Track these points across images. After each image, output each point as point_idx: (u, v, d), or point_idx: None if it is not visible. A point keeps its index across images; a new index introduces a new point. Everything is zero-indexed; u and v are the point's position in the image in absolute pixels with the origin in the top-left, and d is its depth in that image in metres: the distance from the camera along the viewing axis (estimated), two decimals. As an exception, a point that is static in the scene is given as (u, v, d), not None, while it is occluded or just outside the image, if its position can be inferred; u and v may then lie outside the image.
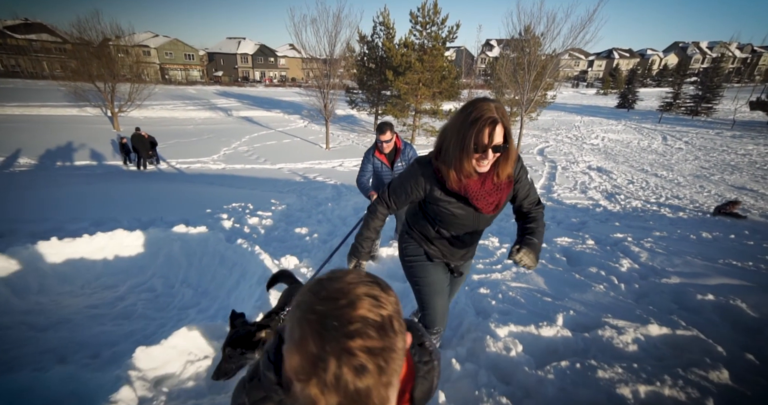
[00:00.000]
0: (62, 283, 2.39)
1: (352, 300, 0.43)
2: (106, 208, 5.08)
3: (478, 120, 1.08)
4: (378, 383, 0.41)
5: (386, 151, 2.90)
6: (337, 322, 0.41)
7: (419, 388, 0.58)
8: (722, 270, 2.76)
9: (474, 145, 1.10)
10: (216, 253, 2.75)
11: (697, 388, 1.39)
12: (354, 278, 0.47)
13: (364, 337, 0.41)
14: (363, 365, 0.40)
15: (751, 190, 10.75)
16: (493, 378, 1.50)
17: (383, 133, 2.80)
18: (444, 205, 1.27)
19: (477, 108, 1.09)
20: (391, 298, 0.47)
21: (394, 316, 0.45)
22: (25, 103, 22.92)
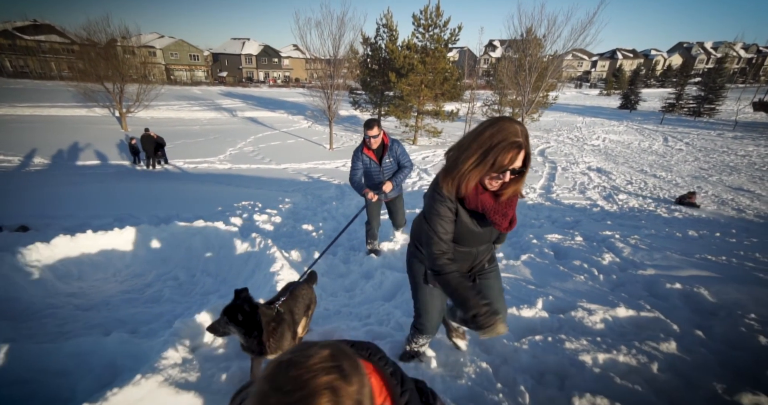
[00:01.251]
0: (96, 271, 2.67)
1: (309, 393, 0.41)
2: (123, 205, 5.38)
3: (502, 142, 1.06)
4: None
5: (374, 146, 2.95)
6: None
7: None
8: (696, 263, 3.00)
9: (492, 165, 1.09)
10: (232, 246, 3.03)
11: (647, 355, 1.64)
12: (316, 364, 0.44)
13: None
14: None
15: (748, 190, 10.90)
16: (477, 349, 1.76)
17: (371, 128, 2.87)
18: (464, 222, 1.26)
19: (503, 129, 1.08)
20: (352, 388, 0.45)
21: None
22: (36, 103, 23.35)
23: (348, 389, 0.44)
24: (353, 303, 2.48)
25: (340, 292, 2.69)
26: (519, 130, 1.09)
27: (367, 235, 3.34)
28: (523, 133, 1.08)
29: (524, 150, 1.09)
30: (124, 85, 18.36)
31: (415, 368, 1.69)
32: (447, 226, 1.24)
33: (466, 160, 1.12)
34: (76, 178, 8.99)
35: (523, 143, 1.08)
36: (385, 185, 2.95)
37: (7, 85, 31.66)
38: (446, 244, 1.25)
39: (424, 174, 12.50)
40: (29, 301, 2.09)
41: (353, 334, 1.92)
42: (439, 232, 1.23)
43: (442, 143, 18.60)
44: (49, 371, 1.50)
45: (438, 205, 1.22)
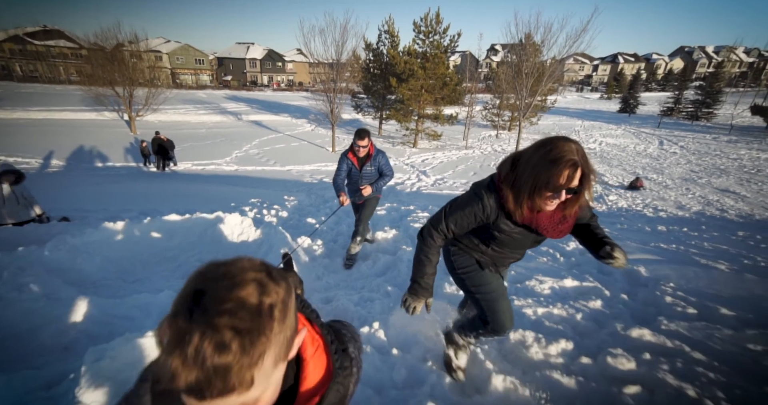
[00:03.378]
0: (135, 253, 3.18)
1: (235, 283, 0.43)
2: (143, 202, 5.91)
3: (558, 160, 1.04)
4: (239, 363, 0.40)
5: (360, 154, 3.11)
6: (211, 300, 0.41)
7: (331, 394, 0.57)
8: (647, 250, 3.46)
9: (548, 184, 1.06)
10: (247, 233, 3.53)
11: (575, 309, 2.11)
12: (246, 264, 0.46)
13: (233, 316, 0.40)
14: (224, 343, 0.39)
15: (734, 192, 11.31)
16: (448, 308, 2.24)
17: (362, 139, 3.03)
18: (507, 233, 1.25)
19: (558, 147, 1.05)
20: (280, 289, 0.46)
21: (278, 306, 0.44)
22: (47, 107, 23.99)
23: (275, 288, 0.45)
24: (351, 278, 2.97)
25: (339, 270, 3.18)
26: (574, 148, 1.06)
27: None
28: (579, 152, 1.06)
29: (581, 168, 1.06)
30: (134, 89, 18.99)
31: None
32: (463, 224, 1.27)
33: (524, 185, 1.10)
34: (94, 179, 9.55)
35: (579, 161, 1.05)
36: (364, 189, 3.15)
37: (18, 90, 32.45)
38: (448, 232, 1.30)
39: (422, 176, 12.98)
40: (88, 272, 2.59)
41: (349, 299, 2.40)
42: (450, 224, 1.28)
43: (442, 146, 19.08)
44: (118, 316, 1.99)
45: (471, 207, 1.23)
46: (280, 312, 0.45)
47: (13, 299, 1.82)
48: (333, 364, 0.59)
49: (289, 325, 0.47)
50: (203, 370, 0.40)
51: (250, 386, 0.43)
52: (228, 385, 0.41)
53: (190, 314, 0.41)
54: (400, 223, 4.30)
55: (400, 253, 3.19)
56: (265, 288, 0.44)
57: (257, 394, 0.44)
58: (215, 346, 0.39)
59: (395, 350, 1.76)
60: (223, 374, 0.40)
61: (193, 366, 0.39)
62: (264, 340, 0.42)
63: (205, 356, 0.39)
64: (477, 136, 22.34)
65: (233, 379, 0.41)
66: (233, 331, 0.40)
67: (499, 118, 24.12)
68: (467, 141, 19.80)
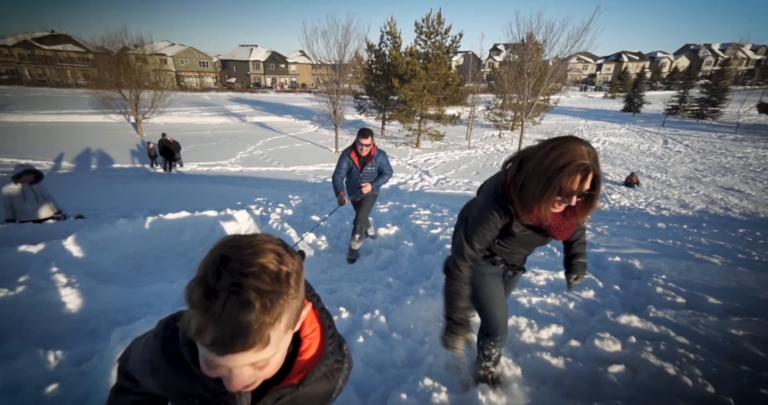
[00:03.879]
0: (148, 249, 3.32)
1: (257, 251, 0.47)
2: (153, 201, 6.07)
3: (568, 165, 1.00)
4: (259, 321, 0.44)
5: (363, 154, 3.13)
6: (237, 264, 0.45)
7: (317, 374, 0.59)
8: (644, 245, 3.55)
9: (560, 190, 1.03)
10: (256, 228, 3.66)
11: (568, 298, 2.21)
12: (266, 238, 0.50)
13: (257, 279, 0.44)
14: (249, 301, 0.43)
15: (738, 190, 11.29)
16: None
17: (365, 137, 3.06)
18: (519, 235, 1.24)
19: (569, 151, 1.01)
20: (295, 261, 0.50)
21: (293, 275, 0.48)
22: (56, 110, 24.37)
23: (291, 259, 0.49)
24: (354, 272, 3.09)
25: (343, 264, 3.30)
26: (585, 151, 1.02)
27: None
28: (590, 154, 1.02)
29: (592, 172, 1.03)
30: (140, 92, 19.31)
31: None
32: (487, 237, 1.22)
33: (532, 191, 1.07)
34: (103, 180, 9.77)
35: (591, 165, 1.02)
36: (365, 187, 3.18)
37: (27, 93, 32.99)
38: (477, 253, 1.25)
39: (425, 175, 13.09)
40: (106, 264, 2.73)
41: (352, 290, 2.52)
42: (475, 244, 1.23)
43: (444, 146, 19.16)
44: (137, 304, 2.13)
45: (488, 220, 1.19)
46: (295, 281, 0.49)
47: (41, 287, 1.96)
48: (326, 347, 0.61)
49: (300, 295, 0.51)
50: (228, 326, 0.43)
51: (267, 345, 0.47)
52: (249, 342, 0.44)
53: (218, 275, 0.44)
54: (401, 220, 4.42)
55: (401, 247, 3.31)
56: (282, 258, 0.48)
57: (269, 354, 0.49)
58: (241, 304, 0.43)
59: (395, 334, 1.88)
60: (246, 331, 0.44)
61: (219, 322, 0.43)
62: (282, 302, 0.46)
63: (231, 313, 0.43)
64: (480, 136, 22.39)
65: (254, 336, 0.44)
66: (257, 292, 0.44)
67: (501, 118, 24.14)
68: (470, 141, 19.86)
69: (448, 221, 4.25)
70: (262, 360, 0.49)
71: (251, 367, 0.49)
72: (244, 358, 0.46)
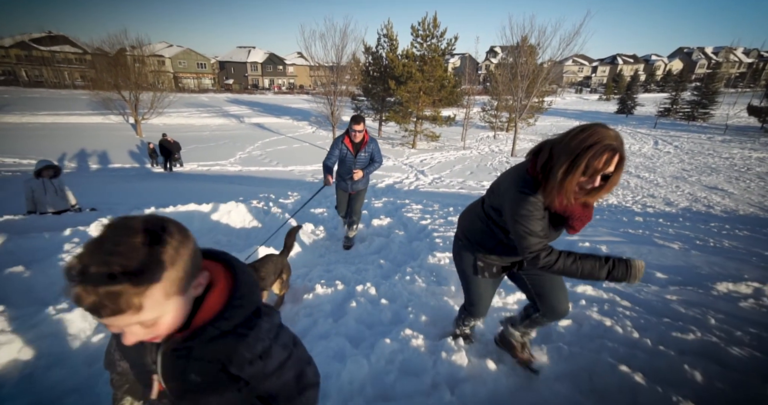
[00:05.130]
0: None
1: (131, 232, 0.53)
2: (157, 198, 6.35)
3: (596, 144, 1.03)
4: (126, 291, 0.51)
5: (356, 140, 3.21)
6: (109, 243, 0.52)
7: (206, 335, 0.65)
8: (615, 234, 3.89)
9: (585, 168, 1.05)
10: (259, 219, 3.97)
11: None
12: (147, 218, 0.56)
13: (122, 256, 0.51)
14: (114, 276, 0.50)
15: (722, 189, 11.70)
16: (430, 274, 2.67)
17: (357, 123, 3.15)
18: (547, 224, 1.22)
19: (596, 132, 1.04)
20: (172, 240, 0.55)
21: (167, 252, 0.54)
22: (54, 111, 24.45)
23: (167, 238, 0.55)
24: (349, 256, 3.41)
25: (340, 250, 3.61)
26: (613, 134, 1.05)
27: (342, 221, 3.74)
28: (617, 138, 1.05)
29: (619, 153, 1.05)
30: (139, 93, 19.52)
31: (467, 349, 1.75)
32: (544, 225, 1.20)
33: (560, 170, 1.08)
34: (106, 179, 10.03)
35: (618, 147, 1.04)
36: (356, 174, 3.27)
37: (25, 95, 33.02)
38: (543, 238, 1.21)
39: (420, 175, 13.42)
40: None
41: (347, 269, 2.82)
42: (538, 232, 1.19)
43: (440, 147, 19.52)
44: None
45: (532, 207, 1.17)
46: (170, 257, 0.55)
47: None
48: (222, 313, 0.65)
49: (179, 269, 0.56)
50: (97, 294, 0.50)
51: (140, 310, 0.54)
52: (118, 307, 0.52)
53: (91, 253, 0.51)
54: (395, 213, 4.74)
55: (393, 236, 3.62)
56: (156, 238, 0.54)
57: (152, 316, 0.56)
58: (107, 276, 0.50)
59: (383, 300, 2.19)
60: (113, 299, 0.51)
61: (91, 291, 0.50)
62: (149, 276, 0.53)
63: (98, 284, 0.50)
64: (475, 137, 22.77)
65: (122, 303, 0.52)
66: (122, 267, 0.51)
67: (496, 120, 24.55)
68: (465, 142, 20.23)
69: (437, 214, 4.57)
70: (147, 320, 0.57)
71: (140, 325, 0.57)
72: (121, 320, 0.54)
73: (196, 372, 0.68)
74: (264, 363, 0.70)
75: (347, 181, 3.42)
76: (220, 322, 0.65)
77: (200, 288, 0.65)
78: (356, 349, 1.74)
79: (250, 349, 0.68)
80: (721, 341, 1.62)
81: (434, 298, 2.18)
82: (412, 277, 2.54)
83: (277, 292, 2.38)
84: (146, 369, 0.72)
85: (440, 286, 2.39)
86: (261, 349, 0.69)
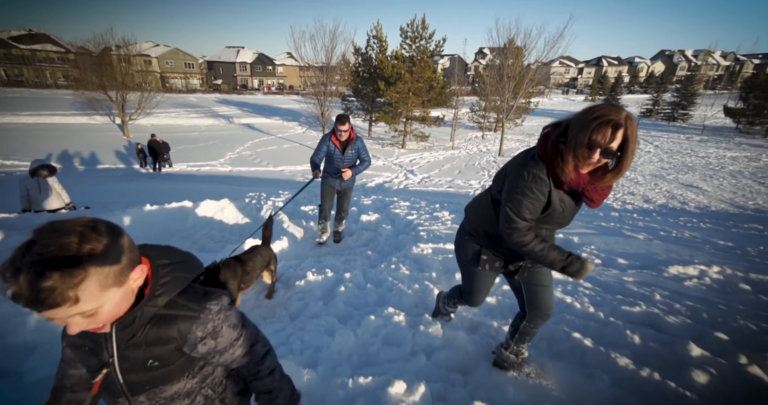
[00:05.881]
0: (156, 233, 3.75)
1: (61, 234, 0.56)
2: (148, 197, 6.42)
3: (599, 117, 1.06)
4: (59, 287, 0.54)
5: (342, 138, 3.31)
6: (39, 246, 0.55)
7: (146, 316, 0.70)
8: (588, 226, 4.16)
9: (588, 140, 1.07)
10: (250, 216, 4.12)
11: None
12: (77, 221, 0.59)
13: (55, 255, 0.55)
14: (45, 275, 0.53)
15: (697, 187, 12.26)
16: (413, 263, 2.88)
17: (343, 123, 3.24)
18: (558, 203, 1.22)
19: (604, 108, 1.08)
20: (102, 238, 0.59)
21: (98, 249, 0.58)
22: (37, 111, 23.85)
23: (98, 237, 0.59)
24: (339, 249, 3.59)
25: (330, 243, 3.79)
26: (624, 114, 1.06)
27: (319, 216, 3.72)
28: (627, 118, 1.06)
29: (623, 131, 1.05)
30: (127, 93, 19.26)
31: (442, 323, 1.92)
32: (537, 208, 1.20)
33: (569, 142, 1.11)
34: (95, 180, 9.98)
35: (622, 123, 1.05)
36: (345, 173, 3.37)
37: (5, 94, 32.09)
38: (529, 222, 1.21)
39: (410, 174, 13.66)
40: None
41: (336, 259, 3.01)
42: (524, 214, 1.20)
43: (429, 147, 19.81)
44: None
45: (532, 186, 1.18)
46: (101, 253, 0.58)
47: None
48: (153, 291, 0.71)
49: (112, 263, 0.60)
50: (31, 291, 0.54)
51: (77, 302, 0.57)
52: (54, 302, 0.55)
53: (22, 256, 0.55)
54: (383, 210, 4.93)
55: (380, 230, 3.82)
56: (86, 237, 0.57)
57: (90, 307, 0.60)
58: (38, 277, 0.53)
59: (370, 285, 2.40)
60: (47, 294, 0.54)
61: (26, 288, 0.54)
62: (81, 272, 0.56)
63: (33, 282, 0.53)
64: (464, 137, 23.14)
65: (57, 298, 0.55)
66: (54, 264, 0.54)
67: (485, 120, 24.99)
68: (454, 142, 20.57)
69: (424, 210, 4.79)
70: (87, 311, 0.60)
71: (81, 316, 0.61)
72: (59, 313, 0.58)
73: (153, 357, 0.73)
74: (215, 342, 0.76)
75: (336, 178, 3.53)
76: (153, 299, 0.70)
77: (140, 280, 0.69)
78: (344, 326, 1.93)
79: (202, 329, 0.74)
80: (661, 312, 1.86)
81: (416, 282, 2.39)
82: (396, 265, 2.75)
83: (268, 281, 2.55)
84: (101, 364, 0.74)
85: (422, 273, 2.60)
86: (211, 328, 0.75)
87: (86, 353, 0.74)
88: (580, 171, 1.15)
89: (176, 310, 0.73)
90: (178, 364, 0.76)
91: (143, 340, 0.71)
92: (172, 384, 0.77)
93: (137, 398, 0.76)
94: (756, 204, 9.92)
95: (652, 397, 1.32)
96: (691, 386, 1.34)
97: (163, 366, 0.74)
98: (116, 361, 0.72)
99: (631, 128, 1.07)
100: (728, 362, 1.42)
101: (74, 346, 0.76)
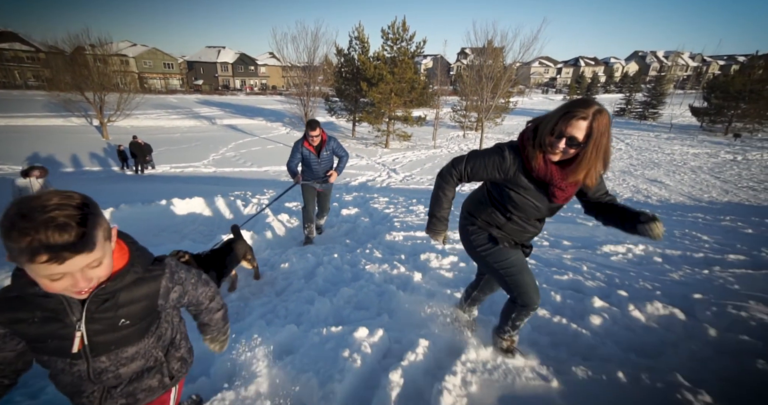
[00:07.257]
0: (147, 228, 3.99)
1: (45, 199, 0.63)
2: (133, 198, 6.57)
3: (568, 109, 1.15)
4: (80, 231, 0.62)
5: (314, 143, 3.40)
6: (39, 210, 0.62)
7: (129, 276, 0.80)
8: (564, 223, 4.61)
9: (553, 129, 1.16)
10: (237, 211, 4.40)
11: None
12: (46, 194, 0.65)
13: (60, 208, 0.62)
14: (66, 223, 0.61)
15: (661, 182, 13.10)
16: (386, 248, 3.23)
17: (313, 129, 3.33)
18: (523, 192, 1.30)
19: (576, 101, 1.17)
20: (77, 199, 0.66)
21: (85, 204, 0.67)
22: (7, 113, 22.93)
23: (73, 196, 0.66)
24: (319, 239, 3.93)
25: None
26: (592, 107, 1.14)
27: (303, 219, 3.71)
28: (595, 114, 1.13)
29: (588, 122, 1.13)
30: (105, 94, 18.87)
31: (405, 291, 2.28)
32: (479, 170, 1.32)
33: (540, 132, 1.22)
34: (78, 183, 9.95)
35: (588, 117, 1.12)
36: (332, 176, 3.48)
37: (-29, 95, 30.80)
38: (465, 176, 1.35)
39: (393, 173, 14.04)
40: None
41: (317, 247, 3.34)
42: (467, 166, 1.34)
43: (412, 146, 20.25)
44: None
45: (493, 155, 1.30)
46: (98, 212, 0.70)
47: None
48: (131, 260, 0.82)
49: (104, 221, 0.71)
50: (76, 235, 0.63)
51: (94, 248, 0.66)
52: (92, 242, 0.65)
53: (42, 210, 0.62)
54: (362, 205, 5.28)
55: (359, 222, 4.18)
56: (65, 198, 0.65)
57: (99, 255, 0.68)
58: (82, 219, 0.64)
59: (346, 266, 2.75)
60: (89, 237, 0.64)
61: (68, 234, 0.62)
62: (88, 216, 0.65)
63: (73, 227, 0.62)
64: (446, 136, 23.70)
65: (94, 239, 0.65)
66: (66, 215, 0.63)
67: (466, 119, 25.63)
68: (436, 141, 21.08)
69: (401, 205, 5.16)
70: (94, 260, 0.67)
71: (88, 267, 0.67)
72: (80, 260, 0.64)
73: (125, 316, 0.82)
74: (182, 287, 0.93)
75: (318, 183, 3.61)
76: (135, 267, 0.83)
77: (113, 244, 0.77)
78: (323, 297, 2.27)
79: (171, 279, 0.89)
80: (583, 279, 2.28)
81: (387, 262, 2.75)
82: (371, 250, 3.10)
83: (249, 267, 2.79)
84: (66, 329, 0.77)
85: (393, 255, 2.97)
86: (177, 277, 0.91)
87: (36, 324, 0.76)
88: (550, 160, 1.22)
89: (144, 274, 0.85)
90: (144, 323, 0.88)
91: (114, 304, 0.80)
92: (134, 344, 0.87)
93: (98, 358, 0.83)
94: (710, 196, 10.74)
95: (558, 336, 1.72)
96: (588, 327, 1.74)
97: (133, 325, 0.84)
98: (83, 324, 0.77)
99: (597, 121, 1.13)
100: (619, 310, 1.84)
101: (15, 321, 0.76)
